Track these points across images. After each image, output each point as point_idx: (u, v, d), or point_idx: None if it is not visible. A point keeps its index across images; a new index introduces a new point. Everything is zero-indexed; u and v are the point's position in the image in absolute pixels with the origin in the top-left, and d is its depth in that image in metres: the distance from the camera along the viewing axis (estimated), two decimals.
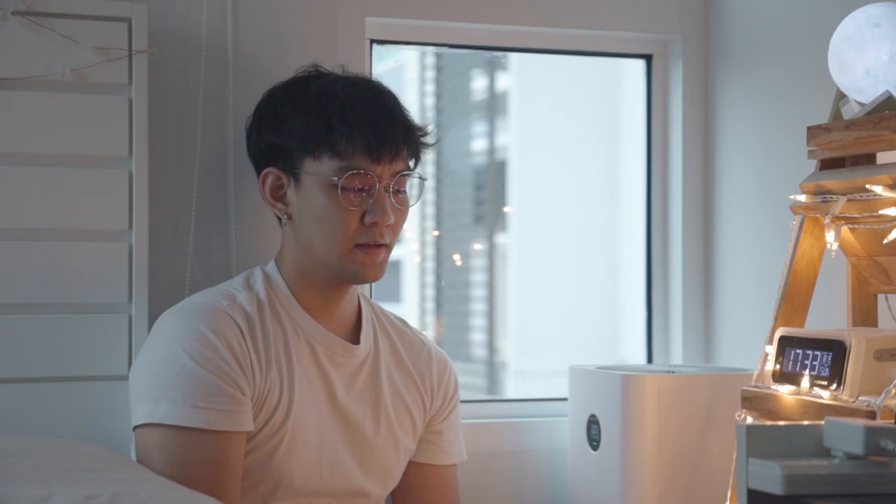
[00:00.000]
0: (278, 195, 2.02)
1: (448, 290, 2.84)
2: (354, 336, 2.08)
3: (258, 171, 2.05)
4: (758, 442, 1.58)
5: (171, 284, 2.19)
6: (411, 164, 2.04)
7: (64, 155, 2.10)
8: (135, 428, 1.92)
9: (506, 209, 2.80)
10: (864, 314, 2.04)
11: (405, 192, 2.03)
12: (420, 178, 2.05)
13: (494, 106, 2.85)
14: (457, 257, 2.85)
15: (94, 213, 2.10)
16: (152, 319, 2.06)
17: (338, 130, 1.95)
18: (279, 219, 2.05)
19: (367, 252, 1.98)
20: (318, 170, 1.96)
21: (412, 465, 2.16)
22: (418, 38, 2.50)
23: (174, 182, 2.22)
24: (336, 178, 1.95)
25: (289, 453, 1.98)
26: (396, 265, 2.82)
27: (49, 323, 2.08)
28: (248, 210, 2.24)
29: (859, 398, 1.78)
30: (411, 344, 2.16)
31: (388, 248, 2.01)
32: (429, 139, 2.07)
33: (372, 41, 2.43)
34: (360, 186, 1.96)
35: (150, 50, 2.12)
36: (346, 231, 1.96)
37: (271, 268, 2.06)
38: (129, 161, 2.11)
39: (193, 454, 1.88)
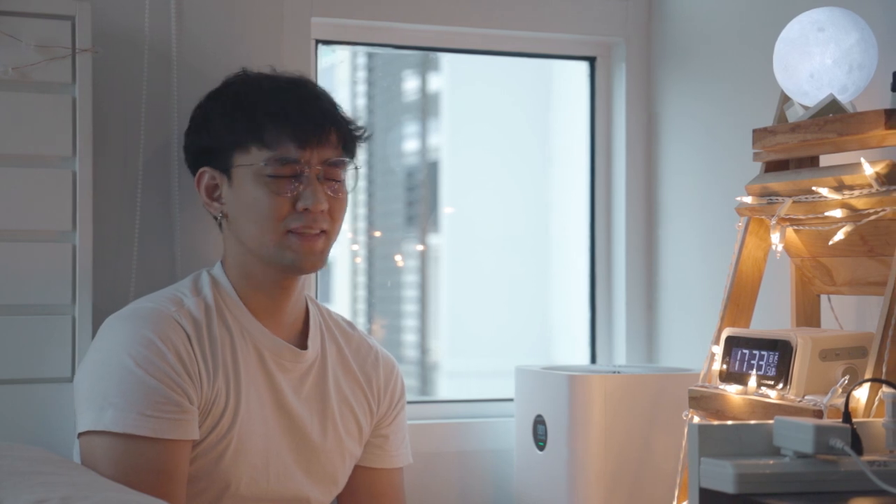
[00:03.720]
0: (213, 195, 2.03)
1: (380, 290, 2.84)
2: (302, 340, 2.07)
3: (193, 174, 2.05)
4: (709, 441, 1.59)
5: (116, 285, 2.17)
6: (343, 153, 2.03)
7: (6, 155, 2.07)
8: (79, 435, 1.90)
9: (447, 210, 2.81)
10: (808, 314, 2.07)
11: (341, 181, 2.02)
12: (355, 167, 2.05)
13: (426, 107, 2.85)
14: (398, 258, 2.85)
15: (37, 213, 2.07)
16: (96, 321, 2.04)
17: (262, 121, 1.97)
18: (216, 219, 2.05)
19: (302, 240, 1.97)
20: (248, 162, 1.98)
21: (359, 470, 2.15)
22: (364, 38, 2.50)
23: (118, 182, 2.20)
24: (264, 165, 1.96)
25: (235, 459, 1.96)
26: (327, 265, 2.81)
27: None
28: (193, 211, 2.22)
29: (805, 397, 1.81)
30: (358, 347, 2.15)
31: (328, 236, 2.00)
32: (358, 130, 2.07)
33: (317, 41, 2.43)
34: (289, 174, 1.97)
35: (94, 48, 2.09)
36: (277, 216, 1.97)
37: (217, 270, 2.04)
38: (73, 161, 2.09)
39: (139, 462, 1.86)
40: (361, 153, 2.14)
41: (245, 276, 2.02)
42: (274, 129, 1.97)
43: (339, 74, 2.65)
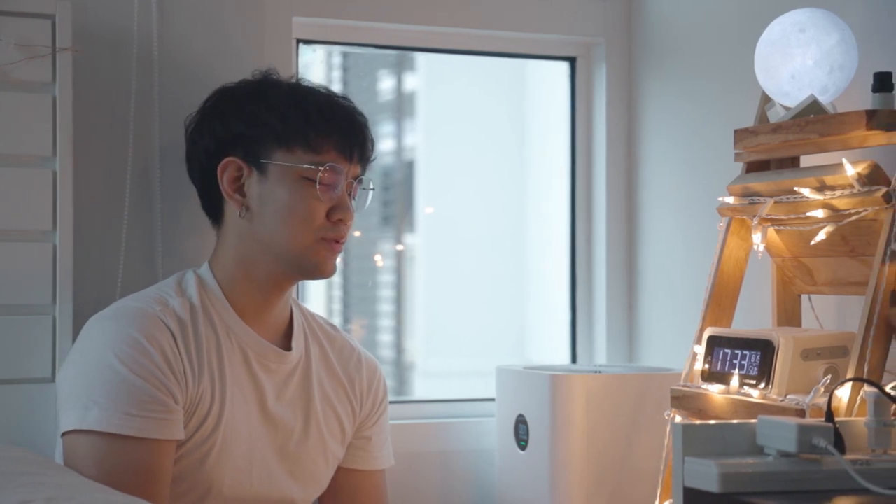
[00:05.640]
0: (236, 186, 2.00)
1: (357, 290, 2.84)
2: (286, 342, 2.06)
3: (215, 163, 2.00)
4: (693, 441, 1.60)
5: (97, 286, 2.16)
6: (364, 171, 2.07)
7: None
8: (63, 434, 1.88)
9: (428, 210, 2.81)
10: (789, 314, 2.08)
11: (355, 198, 2.05)
12: (372, 189, 2.08)
13: (402, 106, 2.85)
14: (378, 258, 2.85)
15: (17, 213, 2.06)
16: (77, 321, 2.03)
17: (315, 125, 1.97)
18: (212, 216, 2.04)
19: (329, 248, 1.99)
20: (292, 161, 1.96)
21: (341, 471, 2.15)
22: (345, 38, 2.50)
23: (99, 182, 2.19)
24: (313, 167, 1.96)
25: (219, 460, 1.96)
26: None
27: None
28: (176, 211, 2.22)
29: (788, 397, 1.81)
30: (342, 349, 2.15)
31: (341, 247, 2.02)
32: (373, 150, 2.10)
33: (299, 41, 2.42)
34: (331, 181, 1.97)
35: (75, 48, 2.08)
36: (312, 223, 1.97)
37: (204, 271, 2.03)
38: (54, 160, 2.07)
39: (123, 462, 1.85)
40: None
41: (242, 275, 2.00)
42: (324, 135, 1.98)
43: (314, 74, 2.64)
